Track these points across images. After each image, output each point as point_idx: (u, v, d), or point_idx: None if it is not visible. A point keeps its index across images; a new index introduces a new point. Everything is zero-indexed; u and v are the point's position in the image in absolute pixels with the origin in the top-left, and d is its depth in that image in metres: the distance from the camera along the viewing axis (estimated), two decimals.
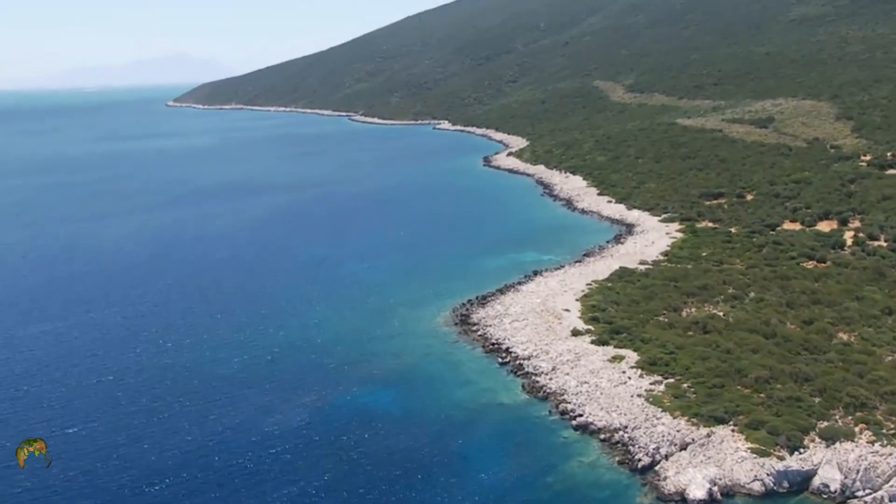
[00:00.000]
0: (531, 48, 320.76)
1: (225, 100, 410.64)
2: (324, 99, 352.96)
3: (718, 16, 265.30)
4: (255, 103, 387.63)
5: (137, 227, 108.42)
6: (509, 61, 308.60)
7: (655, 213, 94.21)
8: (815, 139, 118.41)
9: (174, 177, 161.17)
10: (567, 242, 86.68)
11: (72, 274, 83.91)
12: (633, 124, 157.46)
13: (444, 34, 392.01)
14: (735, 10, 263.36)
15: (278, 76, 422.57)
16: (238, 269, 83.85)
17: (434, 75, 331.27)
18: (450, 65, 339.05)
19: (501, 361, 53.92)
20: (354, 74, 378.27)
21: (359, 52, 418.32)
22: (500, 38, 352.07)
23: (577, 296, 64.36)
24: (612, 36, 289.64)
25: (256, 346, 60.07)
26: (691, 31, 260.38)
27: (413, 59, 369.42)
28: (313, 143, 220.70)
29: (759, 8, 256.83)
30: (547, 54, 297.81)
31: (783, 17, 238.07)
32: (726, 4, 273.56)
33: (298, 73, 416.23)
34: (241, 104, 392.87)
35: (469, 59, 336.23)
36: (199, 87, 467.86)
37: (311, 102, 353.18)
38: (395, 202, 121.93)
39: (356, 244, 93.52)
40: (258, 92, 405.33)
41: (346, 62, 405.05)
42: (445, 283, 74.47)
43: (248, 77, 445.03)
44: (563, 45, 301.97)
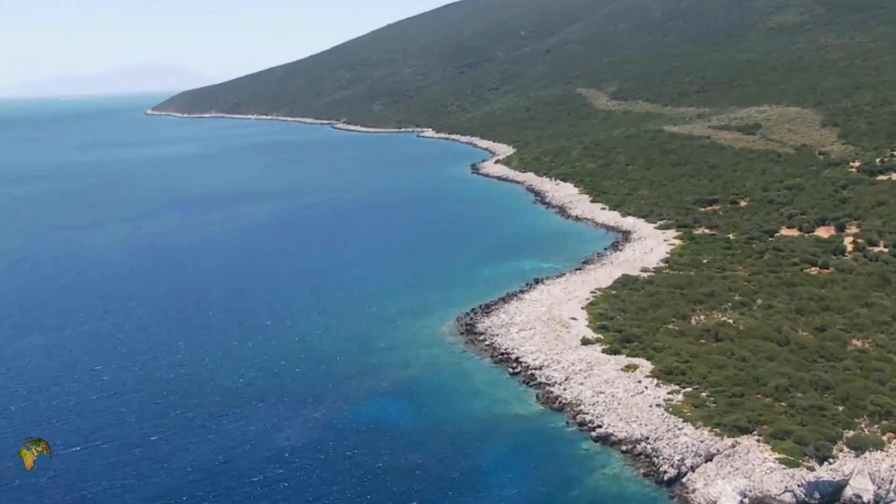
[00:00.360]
0: (513, 56, 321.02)
1: (205, 108, 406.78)
2: (305, 107, 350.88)
3: (698, 24, 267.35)
4: (235, 111, 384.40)
5: (128, 236, 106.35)
6: (491, 69, 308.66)
7: (651, 219, 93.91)
8: (803, 145, 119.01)
9: (161, 185, 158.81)
10: (565, 250, 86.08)
11: (64, 284, 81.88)
12: (619, 131, 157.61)
13: (426, 42, 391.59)
14: (714, 19, 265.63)
15: (258, 84, 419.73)
16: (235, 278, 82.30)
17: (416, 83, 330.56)
18: (432, 72, 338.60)
19: (512, 371, 52.99)
20: (335, 82, 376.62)
21: (339, 59, 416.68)
22: (481, 45, 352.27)
23: (582, 304, 63.65)
24: (594, 44, 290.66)
25: (259, 358, 58.63)
26: (672, 38, 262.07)
27: (394, 66, 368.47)
28: (298, 150, 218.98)
29: (738, 16, 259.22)
30: (529, 62, 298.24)
31: (762, 25, 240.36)
32: (705, 13, 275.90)
33: (278, 81, 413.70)
34: (222, 112, 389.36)
35: (451, 67, 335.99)
36: (178, 96, 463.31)
37: (292, 110, 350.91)
38: (387, 210, 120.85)
39: (353, 252, 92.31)
40: (238, 100, 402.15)
41: (326, 70, 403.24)
42: (446, 291, 73.50)
43: (228, 85, 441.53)
44: (545, 52, 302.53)
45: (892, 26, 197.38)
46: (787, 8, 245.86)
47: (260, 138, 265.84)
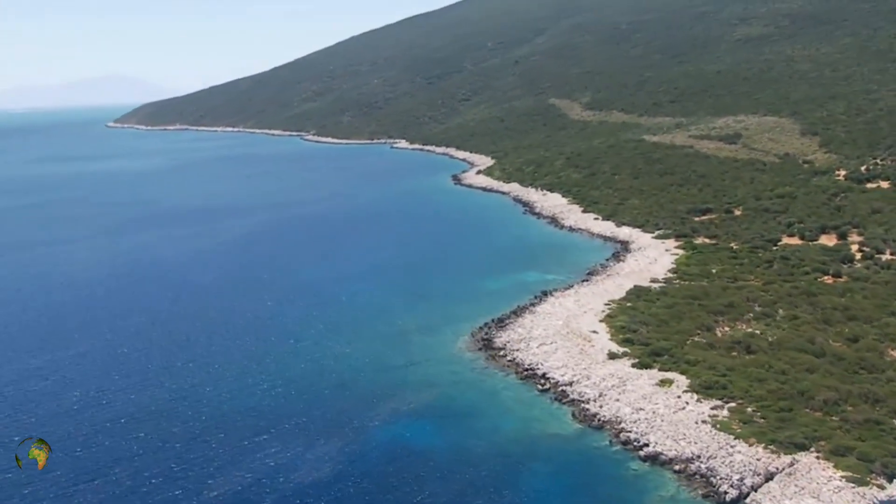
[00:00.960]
0: (481, 67, 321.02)
1: (169, 120, 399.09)
2: (272, 119, 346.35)
3: (664, 36, 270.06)
4: (200, 123, 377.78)
5: (111, 252, 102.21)
6: (460, 80, 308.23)
7: (647, 229, 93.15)
8: (786, 154, 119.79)
9: (134, 199, 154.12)
10: (566, 261, 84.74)
11: (51, 304, 77.87)
12: (599, 141, 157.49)
13: (392, 54, 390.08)
14: (680, 30, 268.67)
15: (223, 96, 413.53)
16: (228, 294, 79.16)
17: (384, 94, 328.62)
18: (400, 84, 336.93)
19: (541, 388, 51.18)
20: (302, 94, 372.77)
21: (305, 71, 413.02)
22: (448, 57, 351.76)
23: (599, 316, 62.23)
24: (561, 55, 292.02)
25: (267, 381, 55.72)
26: (640, 50, 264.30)
27: (361, 78, 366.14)
28: (270, 162, 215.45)
29: (703, 28, 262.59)
30: (498, 73, 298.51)
31: (728, 36, 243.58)
32: (671, 25, 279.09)
33: (244, 92, 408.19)
34: (187, 125, 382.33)
35: (419, 78, 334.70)
36: (140, 108, 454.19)
37: (259, 122, 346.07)
38: (374, 222, 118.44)
39: (347, 266, 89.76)
40: (203, 112, 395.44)
41: (292, 82, 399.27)
42: (452, 305, 71.54)
43: (192, 97, 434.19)
44: (514, 63, 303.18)
45: (856, 38, 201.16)
46: (752, 20, 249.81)
47: (230, 150, 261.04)
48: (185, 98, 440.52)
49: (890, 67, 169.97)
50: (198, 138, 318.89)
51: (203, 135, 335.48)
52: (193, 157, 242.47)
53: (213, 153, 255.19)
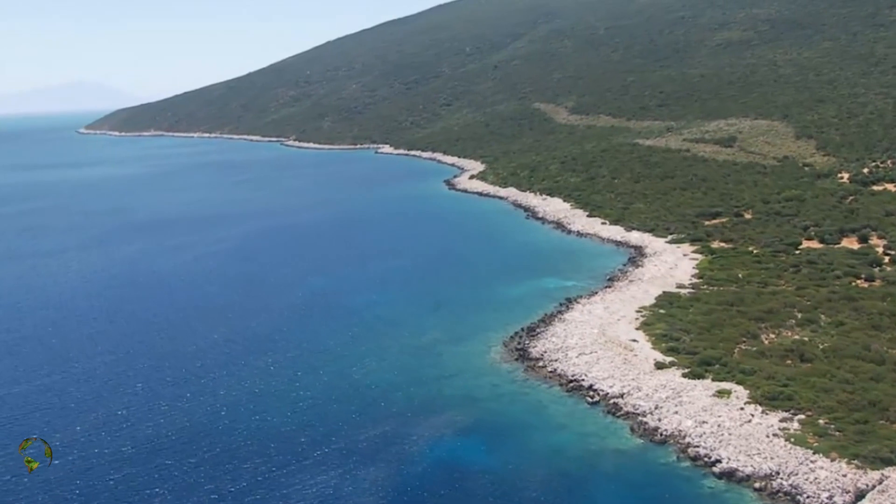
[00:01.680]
0: (460, 72, 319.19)
1: (143, 126, 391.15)
2: (250, 124, 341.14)
3: (643, 41, 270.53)
4: (175, 129, 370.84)
5: (104, 263, 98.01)
6: (440, 85, 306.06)
7: (658, 234, 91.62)
8: (785, 157, 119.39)
9: (118, 206, 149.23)
10: (581, 267, 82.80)
11: (48, 319, 73.91)
12: (590, 145, 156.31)
13: (368, 59, 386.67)
14: (660, 35, 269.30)
15: (197, 102, 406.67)
16: (237, 307, 75.81)
17: (364, 99, 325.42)
18: (378, 89, 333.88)
19: (591, 401, 48.96)
20: (279, 100, 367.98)
21: (280, 77, 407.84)
22: (426, 62, 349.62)
23: (633, 324, 60.28)
24: (541, 60, 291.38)
25: (298, 400, 52.72)
26: (619, 54, 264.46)
27: (338, 83, 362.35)
28: (254, 169, 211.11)
29: (682, 33, 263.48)
30: (477, 78, 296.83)
31: (708, 41, 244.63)
32: (649, 30, 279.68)
33: (219, 98, 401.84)
34: (161, 131, 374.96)
35: (398, 83, 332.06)
36: (113, 114, 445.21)
37: (237, 128, 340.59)
38: (373, 228, 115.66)
39: (354, 274, 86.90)
40: (178, 118, 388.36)
41: (267, 88, 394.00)
42: (475, 314, 69.16)
43: (166, 103, 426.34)
44: (493, 68, 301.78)
45: (836, 43, 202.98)
46: (731, 25, 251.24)
47: (209, 157, 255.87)
48: (159, 104, 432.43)
49: (873, 71, 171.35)
50: (175, 144, 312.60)
51: (180, 141, 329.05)
52: (174, 164, 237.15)
53: (194, 160, 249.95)
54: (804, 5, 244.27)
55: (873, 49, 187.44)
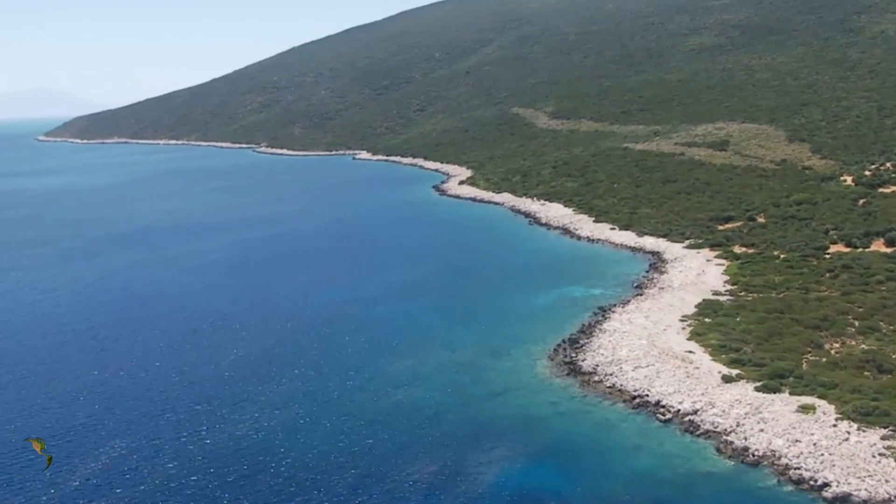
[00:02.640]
0: (431, 77, 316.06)
1: (106, 134, 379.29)
2: (218, 131, 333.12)
3: (614, 46, 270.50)
4: (140, 137, 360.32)
5: (95, 278, 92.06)
6: (412, 90, 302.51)
7: (673, 239, 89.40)
8: (783, 161, 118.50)
9: (94, 216, 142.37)
10: (604, 274, 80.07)
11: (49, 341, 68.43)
12: (579, 150, 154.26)
13: (336, 65, 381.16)
14: (631, 41, 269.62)
15: (161, 109, 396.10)
16: (252, 323, 71.15)
17: (334, 105, 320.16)
18: (348, 94, 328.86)
19: (663, 419, 45.91)
20: (246, 106, 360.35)
21: (246, 83, 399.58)
22: (396, 67, 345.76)
23: (682, 334, 57.55)
24: (513, 65, 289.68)
25: (346, 423, 48.62)
26: (592, 59, 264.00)
27: (307, 89, 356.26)
28: (228, 176, 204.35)
29: (654, 38, 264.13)
30: (450, 83, 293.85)
31: (681, 46, 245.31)
32: (620, 35, 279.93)
33: (184, 104, 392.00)
34: (126, 138, 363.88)
35: (368, 89, 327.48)
36: (73, 121, 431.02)
37: (204, 135, 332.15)
38: (370, 236, 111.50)
39: (365, 286, 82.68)
40: (142, 125, 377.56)
41: (234, 94, 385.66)
42: (507, 325, 65.87)
43: (128, 110, 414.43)
44: (465, 73, 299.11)
45: (808, 48, 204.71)
46: (702, 30, 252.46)
47: (180, 164, 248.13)
48: (121, 111, 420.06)
49: (850, 76, 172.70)
50: (141, 152, 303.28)
51: (146, 148, 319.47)
52: (144, 172, 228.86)
53: (164, 167, 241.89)
54: (773, 11, 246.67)
55: (846, 54, 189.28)
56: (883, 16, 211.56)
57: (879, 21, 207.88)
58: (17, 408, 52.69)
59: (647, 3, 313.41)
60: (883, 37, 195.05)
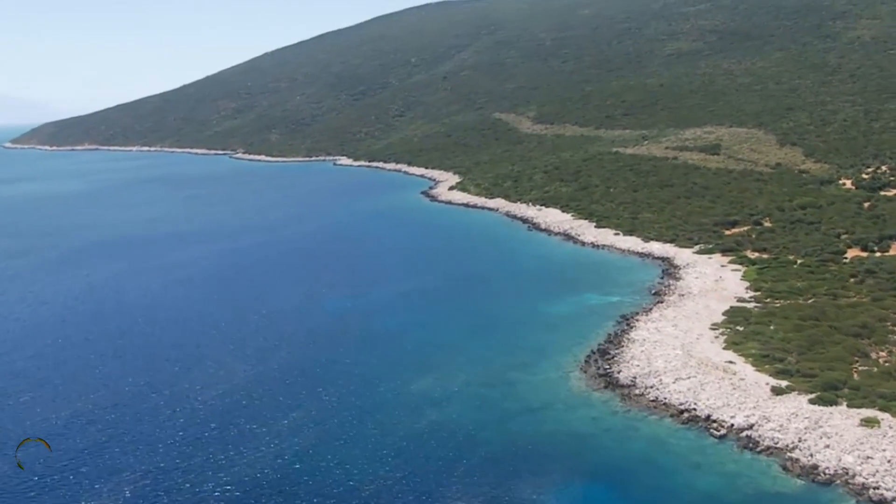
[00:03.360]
0: (408, 83, 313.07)
1: (76, 140, 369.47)
2: (191, 137, 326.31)
3: (593, 51, 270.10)
4: (111, 143, 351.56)
5: (83, 290, 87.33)
6: (389, 96, 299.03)
7: (681, 244, 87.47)
8: (778, 164, 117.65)
9: (70, 224, 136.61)
10: (616, 281, 77.75)
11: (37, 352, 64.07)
12: (568, 155, 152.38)
13: (311, 70, 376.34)
14: (609, 46, 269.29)
15: (132, 115, 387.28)
16: (252, 336, 67.32)
17: (310, 111, 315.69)
18: (324, 100, 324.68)
19: (717, 434, 43.45)
20: (220, 112, 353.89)
21: (219, 89, 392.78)
22: (371, 73, 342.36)
23: (717, 343, 55.32)
24: (490, 70, 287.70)
25: (373, 447, 45.37)
26: (571, 65, 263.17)
27: (282, 95, 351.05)
28: (207, 183, 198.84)
29: (631, 43, 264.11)
30: (427, 88, 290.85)
31: (659, 51, 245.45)
32: (597, 41, 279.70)
33: (155, 111, 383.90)
34: (97, 144, 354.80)
35: (345, 95, 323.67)
36: (40, 127, 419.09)
37: (178, 141, 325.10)
38: (366, 245, 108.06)
39: (371, 295, 79.25)
40: (113, 132, 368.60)
41: (206, 99, 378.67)
42: (527, 335, 63.15)
43: (98, 116, 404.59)
44: (442, 79, 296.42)
45: (787, 53, 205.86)
46: (679, 36, 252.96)
47: (155, 171, 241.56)
48: (90, 117, 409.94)
49: (832, 80, 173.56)
50: (114, 158, 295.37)
51: (118, 155, 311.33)
52: (118, 179, 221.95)
53: (138, 174, 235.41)
54: (748, 17, 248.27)
55: (826, 59, 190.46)
56: (858, 21, 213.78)
57: (854, 27, 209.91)
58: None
59: (622, 9, 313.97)
60: (860, 42, 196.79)
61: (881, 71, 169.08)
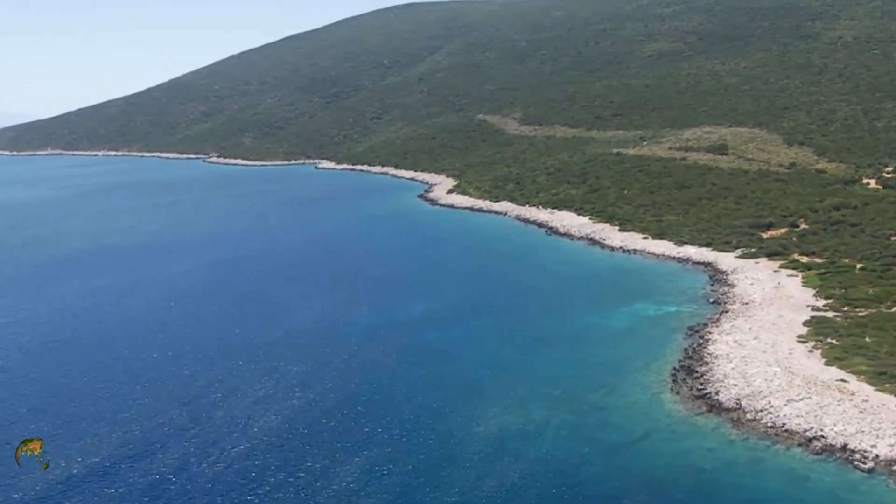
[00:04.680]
0: (382, 85, 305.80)
1: (37, 145, 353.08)
2: (160, 141, 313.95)
3: (569, 52, 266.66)
4: (75, 148, 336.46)
5: (75, 306, 78.84)
6: (364, 98, 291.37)
7: (718, 248, 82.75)
8: (792, 164, 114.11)
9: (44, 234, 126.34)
10: (664, 289, 72.51)
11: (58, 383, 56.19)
12: (567, 156, 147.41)
13: (280, 72, 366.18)
14: (585, 47, 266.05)
15: (95, 119, 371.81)
16: (289, 361, 60.33)
17: (283, 114, 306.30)
18: (297, 103, 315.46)
19: (864, 467, 38.15)
20: (188, 115, 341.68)
21: (185, 92, 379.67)
22: (343, 75, 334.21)
23: (815, 358, 50.25)
24: (467, 72, 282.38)
25: (463, 497, 39.48)
26: (549, 66, 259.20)
27: (252, 97, 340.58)
28: (185, 189, 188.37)
29: (608, 45, 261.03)
30: (403, 90, 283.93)
31: (638, 52, 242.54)
32: (574, 42, 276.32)
33: (120, 114, 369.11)
34: (60, 149, 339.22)
35: (317, 97, 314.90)
36: None
37: (147, 145, 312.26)
38: (373, 251, 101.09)
39: (399, 308, 72.41)
40: (76, 136, 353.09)
41: (173, 103, 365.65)
42: (591, 351, 57.48)
43: (60, 120, 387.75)
44: (418, 80, 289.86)
45: (769, 53, 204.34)
46: (657, 37, 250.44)
47: (127, 176, 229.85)
48: (51, 121, 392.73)
49: (820, 80, 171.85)
50: (80, 164, 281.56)
51: (84, 160, 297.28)
52: (88, 185, 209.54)
53: (109, 179, 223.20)
54: (725, 19, 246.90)
55: (810, 59, 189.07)
56: (836, 22, 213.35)
57: (834, 27, 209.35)
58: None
59: (595, 10, 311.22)
60: (842, 42, 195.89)
61: (869, 70, 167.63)
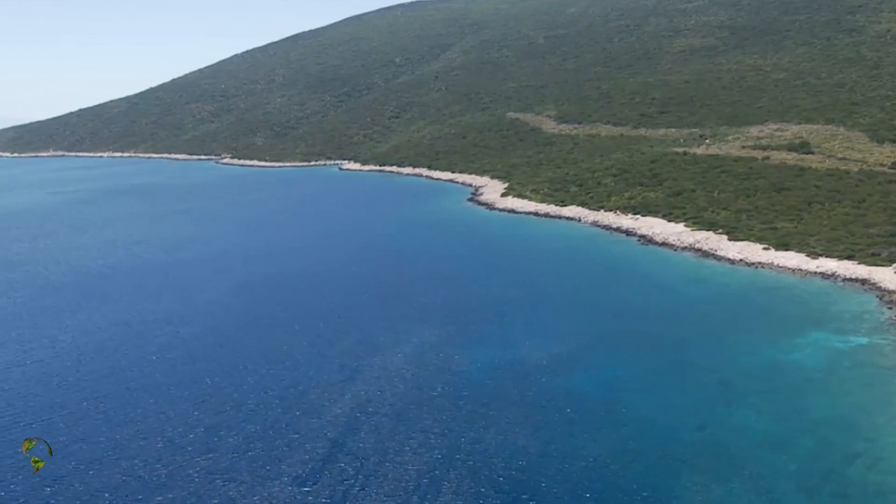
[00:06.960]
0: (395, 83, 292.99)
1: (40, 146, 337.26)
2: (167, 142, 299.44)
3: (593, 49, 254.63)
4: (79, 149, 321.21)
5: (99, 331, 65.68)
6: (378, 97, 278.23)
7: (865, 261, 70.60)
8: (894, 164, 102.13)
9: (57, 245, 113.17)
10: (830, 313, 60.35)
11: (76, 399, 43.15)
12: (623, 155, 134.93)
13: (288, 71, 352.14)
14: (609, 43, 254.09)
15: (98, 119, 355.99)
16: (408, 421, 47.67)
17: (294, 113, 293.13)
18: (308, 102, 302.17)
19: None
20: (195, 115, 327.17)
21: (189, 91, 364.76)
22: (354, 73, 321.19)
23: None
24: (484, 70, 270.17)
25: None
26: (572, 63, 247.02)
27: (260, 97, 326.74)
28: (200, 193, 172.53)
29: (634, 40, 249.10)
30: (419, 88, 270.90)
31: (668, 48, 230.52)
32: (595, 38, 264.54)
33: (123, 115, 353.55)
34: (63, 150, 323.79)
35: (328, 96, 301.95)
36: None
37: (154, 147, 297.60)
38: (443, 267, 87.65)
39: (514, 343, 59.71)
40: (79, 137, 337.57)
41: (178, 103, 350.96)
42: (803, 402, 45.07)
43: (62, 121, 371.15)
44: (434, 79, 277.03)
45: (811, 47, 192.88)
46: (685, 32, 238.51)
47: (136, 179, 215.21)
48: (53, 122, 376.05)
49: (880, 74, 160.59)
50: (85, 166, 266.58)
51: (89, 162, 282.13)
52: (95, 188, 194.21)
53: (117, 182, 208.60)
54: (756, 13, 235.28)
55: (860, 53, 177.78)
56: (878, 14, 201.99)
57: (878, 20, 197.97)
58: None
59: (612, 6, 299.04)
60: (891, 35, 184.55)
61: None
